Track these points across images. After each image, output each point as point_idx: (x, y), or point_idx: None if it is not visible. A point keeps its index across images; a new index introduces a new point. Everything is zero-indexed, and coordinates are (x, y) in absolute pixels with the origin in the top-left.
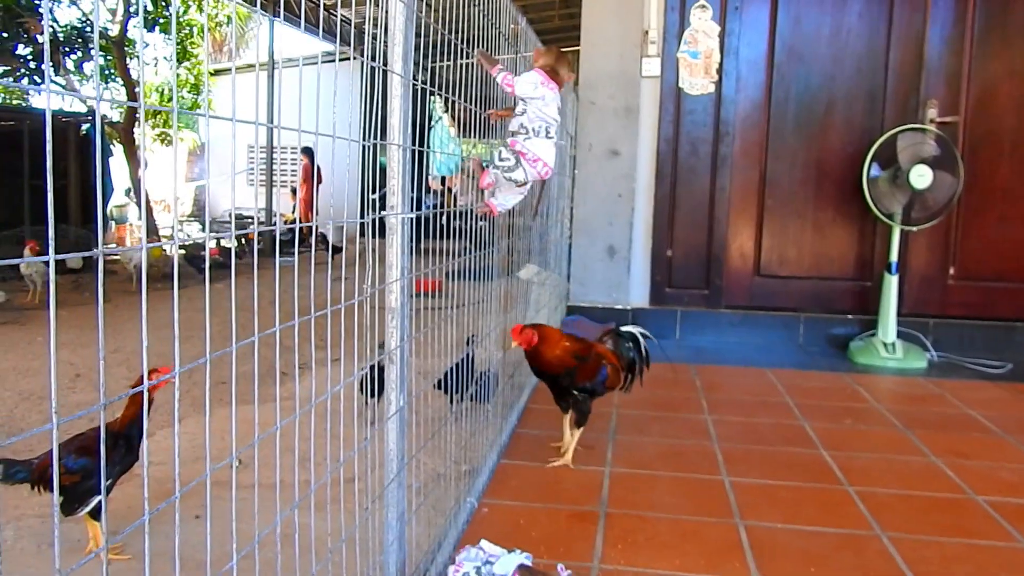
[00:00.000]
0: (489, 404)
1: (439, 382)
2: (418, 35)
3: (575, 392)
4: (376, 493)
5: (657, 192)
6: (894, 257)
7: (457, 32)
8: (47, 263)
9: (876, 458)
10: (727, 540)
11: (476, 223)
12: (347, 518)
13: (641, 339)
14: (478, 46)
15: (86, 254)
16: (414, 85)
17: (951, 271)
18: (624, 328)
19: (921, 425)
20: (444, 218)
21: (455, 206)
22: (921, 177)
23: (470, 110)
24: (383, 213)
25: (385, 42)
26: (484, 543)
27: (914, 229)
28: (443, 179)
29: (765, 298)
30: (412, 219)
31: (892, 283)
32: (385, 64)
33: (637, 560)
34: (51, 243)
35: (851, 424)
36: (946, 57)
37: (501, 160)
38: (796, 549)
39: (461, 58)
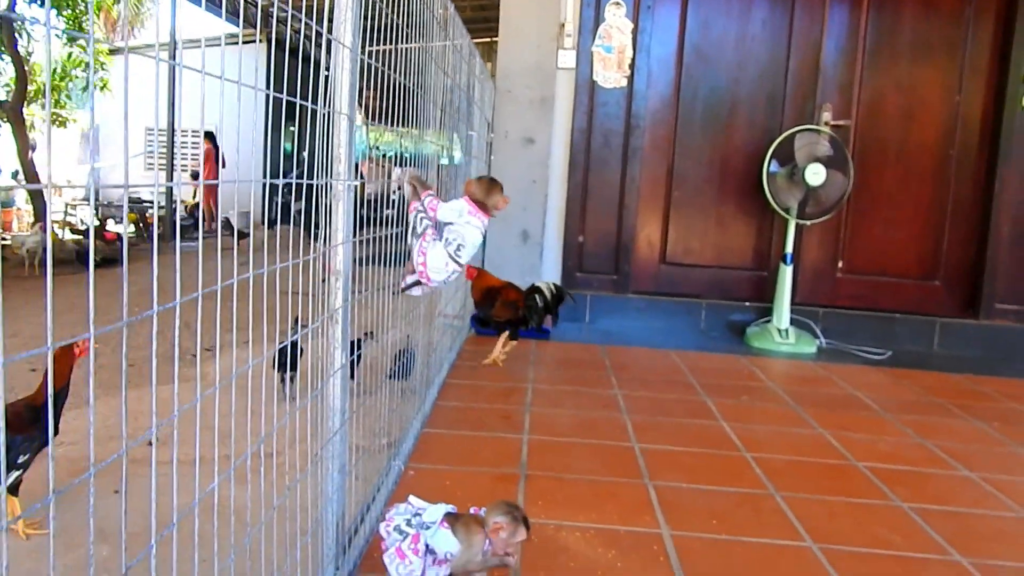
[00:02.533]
0: (410, 380)
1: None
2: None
3: None
4: (316, 454)
5: (570, 180)
6: (789, 249)
7: (383, 15)
8: None
9: (770, 430)
10: (638, 498)
11: (384, 210)
12: (268, 489)
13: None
14: (405, 24)
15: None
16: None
17: (840, 265)
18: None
19: (810, 403)
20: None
21: (363, 192)
22: (815, 175)
23: (382, 98)
24: (332, 179)
25: (329, 19)
26: (412, 498)
27: (808, 223)
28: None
29: (670, 285)
30: (357, 186)
31: (787, 274)
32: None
33: (557, 515)
34: None
35: (747, 400)
36: (840, 66)
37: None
38: (700, 505)
39: (380, 44)
